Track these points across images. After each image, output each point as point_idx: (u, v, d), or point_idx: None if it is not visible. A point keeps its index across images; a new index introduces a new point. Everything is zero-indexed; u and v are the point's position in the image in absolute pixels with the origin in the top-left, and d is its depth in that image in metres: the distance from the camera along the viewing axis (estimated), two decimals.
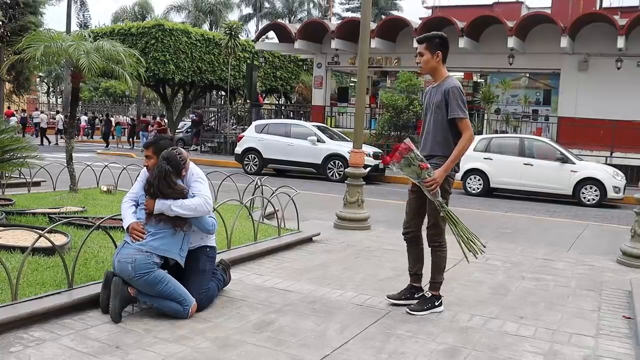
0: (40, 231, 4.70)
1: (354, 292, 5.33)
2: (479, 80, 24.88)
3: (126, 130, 35.16)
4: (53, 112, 42.20)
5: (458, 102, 4.69)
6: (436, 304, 4.89)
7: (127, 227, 4.51)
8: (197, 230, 4.72)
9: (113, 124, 33.38)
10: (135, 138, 31.80)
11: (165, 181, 4.45)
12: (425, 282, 5.03)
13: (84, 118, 37.65)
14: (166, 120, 31.05)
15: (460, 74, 25.14)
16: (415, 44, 4.94)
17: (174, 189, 4.46)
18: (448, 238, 4.90)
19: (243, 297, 5.00)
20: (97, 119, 39.68)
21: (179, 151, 4.68)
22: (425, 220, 4.95)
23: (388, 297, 5.04)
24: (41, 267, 5.03)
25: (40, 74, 51.09)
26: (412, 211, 5.00)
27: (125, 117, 46.74)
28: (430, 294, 4.90)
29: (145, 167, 4.78)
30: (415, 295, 4.99)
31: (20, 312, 4.05)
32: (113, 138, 32.37)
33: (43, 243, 4.94)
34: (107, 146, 29.84)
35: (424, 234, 4.98)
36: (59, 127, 31.63)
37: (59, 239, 5.70)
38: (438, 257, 4.90)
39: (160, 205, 4.43)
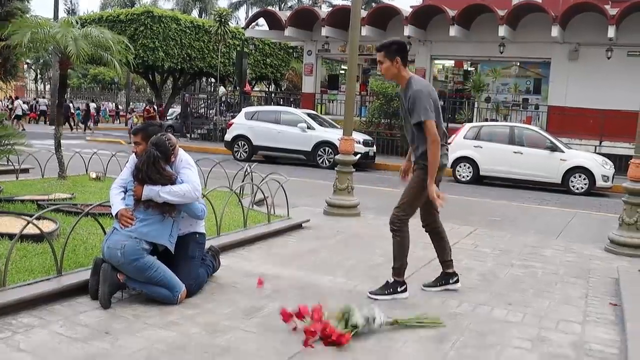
0: (28, 218, 4.68)
1: (343, 279, 5.34)
2: (469, 69, 24.90)
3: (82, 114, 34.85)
4: (45, 100, 41.81)
5: (419, 105, 4.65)
6: (399, 289, 4.86)
7: (116, 214, 4.50)
8: (186, 217, 4.71)
9: (72, 109, 33.18)
10: (90, 123, 32.06)
11: (154, 167, 4.43)
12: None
13: (92, 106, 37.28)
14: (156, 107, 30.90)
15: (451, 62, 25.17)
16: (409, 32, 4.94)
17: (162, 174, 4.45)
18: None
19: (233, 283, 5.00)
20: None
21: (168, 137, 4.66)
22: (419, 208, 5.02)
23: (424, 286, 5.13)
24: (30, 254, 5.02)
25: (28, 60, 50.68)
26: (424, 204, 5.01)
27: (113, 104, 46.47)
28: (392, 280, 4.90)
29: (134, 154, 4.76)
30: (451, 281, 5.12)
31: (9, 298, 4.04)
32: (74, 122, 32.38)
33: (32, 230, 4.92)
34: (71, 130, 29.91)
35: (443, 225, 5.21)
36: (17, 112, 31.37)
37: (47, 226, 5.68)
38: (398, 242, 4.89)
39: (149, 191, 4.42)
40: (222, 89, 30.68)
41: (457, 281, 5.18)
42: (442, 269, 5.21)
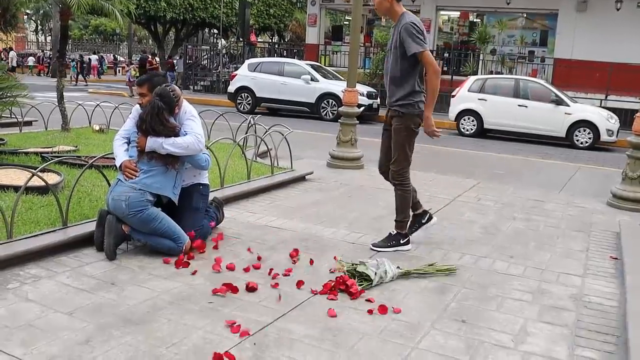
0: (33, 170, 4.70)
1: (346, 230, 5.38)
2: (475, 20, 24.54)
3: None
4: (48, 51, 41.52)
5: (414, 37, 4.57)
6: (402, 242, 4.90)
7: (120, 165, 4.51)
8: (190, 168, 4.73)
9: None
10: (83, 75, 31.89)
11: (158, 118, 4.42)
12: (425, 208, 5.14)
13: (94, 57, 36.91)
14: (158, 59, 30.64)
15: (457, 14, 24.79)
16: None
17: (165, 126, 4.44)
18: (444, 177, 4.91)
19: (236, 235, 5.05)
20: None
21: (172, 88, 4.64)
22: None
23: (372, 244, 5.00)
24: (35, 206, 5.05)
25: (28, 11, 49.98)
26: (385, 149, 5.00)
27: (112, 55, 46.02)
28: (395, 232, 4.93)
29: (138, 105, 4.75)
30: (422, 221, 5.09)
31: (16, 250, 4.09)
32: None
33: (36, 182, 4.95)
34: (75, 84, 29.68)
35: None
36: (12, 64, 31.30)
37: (52, 178, 5.70)
38: (400, 195, 4.89)
39: (152, 142, 4.42)
40: (222, 42, 30.38)
41: (430, 218, 5.10)
42: (414, 221, 5.09)
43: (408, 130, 4.75)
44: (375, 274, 4.07)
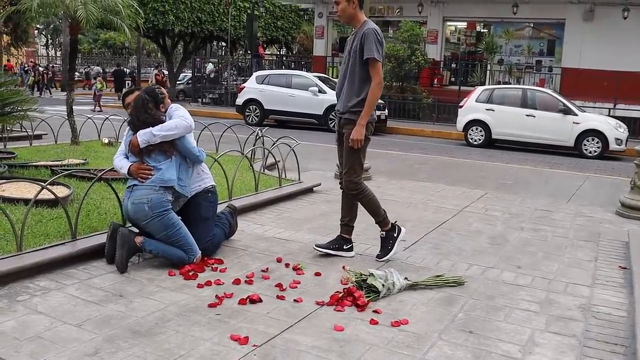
0: (42, 183, 4.74)
1: (354, 242, 5.38)
2: (482, 30, 24.58)
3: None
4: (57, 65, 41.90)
5: (375, 44, 4.56)
6: (394, 235, 4.91)
7: (129, 172, 4.53)
8: (195, 174, 4.75)
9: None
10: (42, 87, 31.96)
11: (143, 108, 4.52)
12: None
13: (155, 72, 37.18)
14: (165, 72, 30.82)
15: (464, 24, 24.84)
16: None
17: (150, 114, 4.51)
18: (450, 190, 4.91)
19: (244, 247, 5.07)
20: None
21: (158, 87, 4.81)
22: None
23: (316, 246, 4.96)
24: (45, 219, 5.10)
25: (38, 25, 50.52)
26: (341, 162, 4.99)
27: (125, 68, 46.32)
28: (384, 233, 4.94)
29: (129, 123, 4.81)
30: (344, 247, 4.96)
31: (26, 262, 4.12)
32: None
33: (46, 195, 4.99)
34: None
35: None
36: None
37: (61, 191, 5.75)
38: (364, 202, 4.89)
39: (143, 135, 4.45)
40: (210, 66, 30.58)
41: (350, 249, 4.99)
42: (339, 232, 5.04)
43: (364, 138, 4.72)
44: (383, 285, 4.07)
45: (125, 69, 33.34)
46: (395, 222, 5.02)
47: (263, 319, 3.61)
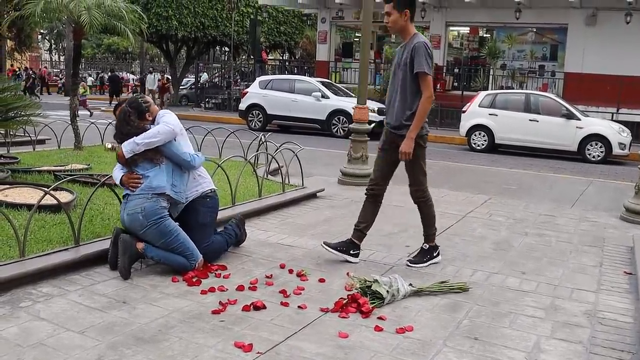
0: (45, 189, 4.73)
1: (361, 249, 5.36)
2: (484, 35, 24.57)
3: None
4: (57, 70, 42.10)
5: (426, 57, 4.62)
6: (434, 254, 5.00)
7: (121, 182, 4.53)
8: (191, 178, 4.71)
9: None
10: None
11: (124, 120, 4.52)
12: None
13: (132, 77, 37.21)
14: (169, 77, 30.85)
15: (466, 29, 24.83)
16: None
17: (132, 126, 4.49)
18: (454, 194, 4.90)
19: (248, 253, 5.05)
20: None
21: (142, 96, 4.81)
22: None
23: (324, 243, 4.99)
24: (48, 225, 5.08)
25: (42, 30, 50.65)
26: (379, 171, 5.02)
27: (128, 74, 46.49)
28: (427, 246, 5.01)
29: None
30: (351, 252, 4.95)
31: (29, 268, 4.11)
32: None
33: (49, 200, 4.98)
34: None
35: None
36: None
37: (64, 197, 5.74)
38: (425, 211, 4.99)
39: (126, 145, 4.45)
40: (204, 75, 30.61)
41: (357, 255, 4.98)
42: (351, 235, 5.04)
43: (420, 148, 4.78)
44: (388, 292, 4.06)
45: (120, 74, 33.36)
46: (438, 247, 5.08)
47: (267, 325, 3.60)
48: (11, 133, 9.68)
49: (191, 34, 28.39)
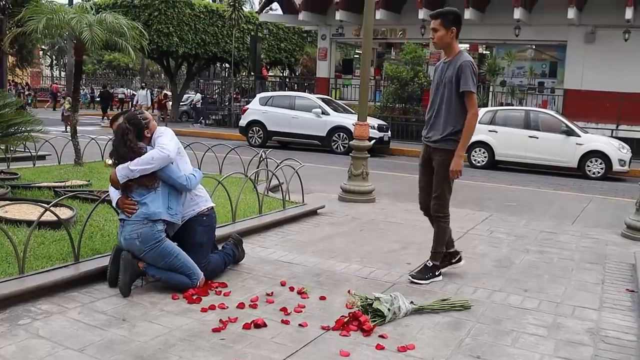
0: (46, 205, 4.72)
1: (358, 265, 5.35)
2: (484, 52, 24.68)
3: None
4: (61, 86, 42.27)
5: (472, 76, 4.74)
6: (436, 273, 4.98)
7: (117, 204, 4.49)
8: (188, 198, 4.66)
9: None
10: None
11: (122, 139, 4.39)
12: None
13: (142, 92, 37.00)
14: (169, 93, 30.89)
15: (466, 46, 24.92)
16: (423, 15, 4.94)
17: (129, 147, 4.37)
18: (455, 210, 4.90)
19: (248, 270, 5.03)
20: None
21: (141, 112, 4.73)
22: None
23: (410, 275, 5.04)
24: (47, 241, 5.06)
25: (43, 46, 50.89)
26: (424, 188, 5.12)
27: (129, 89, 46.57)
28: (431, 264, 4.98)
29: None
30: (452, 261, 5.15)
31: (28, 285, 4.09)
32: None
33: (49, 217, 4.96)
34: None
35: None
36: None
37: (64, 213, 5.72)
38: (440, 227, 4.99)
39: (121, 170, 4.36)
40: (197, 95, 30.56)
41: (460, 259, 5.20)
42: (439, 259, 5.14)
43: (449, 166, 4.83)
44: (389, 309, 4.03)
45: (111, 90, 33.27)
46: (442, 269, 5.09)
47: (268, 344, 3.57)
48: (11, 149, 9.68)
49: (192, 51, 28.53)
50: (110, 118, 5.03)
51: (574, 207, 9.84)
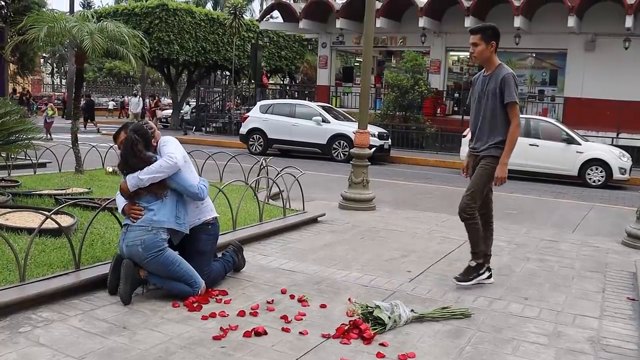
0: (46, 213, 4.72)
1: (359, 273, 5.35)
2: None
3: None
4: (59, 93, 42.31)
5: (515, 88, 4.93)
6: (481, 272, 5.08)
7: (123, 211, 4.51)
8: (192, 207, 4.68)
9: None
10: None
11: (132, 150, 4.43)
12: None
13: (147, 101, 36.71)
14: (162, 102, 30.77)
15: (466, 54, 24.97)
16: (423, 24, 5.05)
17: (138, 157, 4.41)
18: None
19: (249, 278, 5.03)
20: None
21: (146, 122, 4.78)
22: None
23: (455, 278, 5.12)
24: (48, 249, 5.07)
25: (44, 54, 51.00)
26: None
27: (127, 97, 46.64)
28: (474, 263, 5.08)
29: None
30: (480, 271, 5.18)
31: (29, 292, 4.09)
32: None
33: (50, 224, 4.97)
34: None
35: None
36: None
37: (65, 221, 5.73)
38: (470, 228, 5.08)
39: (131, 179, 4.40)
40: (186, 107, 30.34)
41: (490, 276, 5.22)
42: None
43: (493, 171, 4.97)
44: (389, 317, 4.03)
45: (94, 99, 33.09)
46: (486, 266, 5.17)
47: (268, 352, 3.57)
48: (12, 156, 9.69)
49: (192, 58, 28.60)
50: (116, 131, 5.03)
51: (574, 216, 9.84)
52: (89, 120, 28.35)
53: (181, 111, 29.36)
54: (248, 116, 19.36)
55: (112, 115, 39.19)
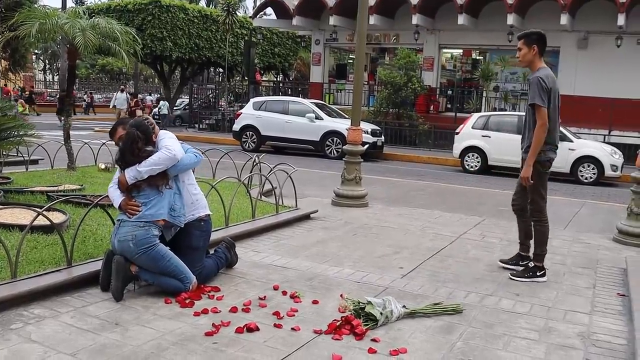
0: (38, 209, 4.71)
1: (351, 269, 5.36)
2: (477, 58, 24.77)
3: None
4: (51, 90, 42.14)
5: (539, 90, 5.09)
6: (538, 274, 5.28)
7: (120, 206, 4.51)
8: (188, 203, 4.68)
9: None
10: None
11: (131, 147, 4.43)
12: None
13: (149, 98, 36.24)
14: (142, 98, 30.59)
15: (459, 51, 25.04)
16: (417, 21, 5.14)
17: (136, 155, 4.42)
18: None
19: (241, 274, 5.03)
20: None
21: (146, 117, 4.76)
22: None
23: (500, 261, 5.71)
24: (40, 245, 5.06)
25: (37, 51, 50.82)
26: (518, 192, 5.59)
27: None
28: (533, 265, 5.33)
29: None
30: (521, 263, 5.54)
31: (20, 289, 4.08)
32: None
33: (42, 221, 4.95)
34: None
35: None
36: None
37: (57, 217, 5.72)
38: (537, 230, 5.35)
39: (130, 172, 4.41)
40: (162, 103, 29.19)
41: (543, 274, 5.34)
42: (518, 249, 5.68)
43: (538, 173, 5.24)
44: (381, 313, 4.04)
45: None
46: (545, 269, 5.36)
47: (260, 347, 3.58)
48: (4, 153, 9.66)
49: (185, 55, 28.56)
50: (111, 128, 5.02)
51: (566, 212, 9.87)
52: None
53: (159, 107, 28.30)
54: (241, 113, 19.33)
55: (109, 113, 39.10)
